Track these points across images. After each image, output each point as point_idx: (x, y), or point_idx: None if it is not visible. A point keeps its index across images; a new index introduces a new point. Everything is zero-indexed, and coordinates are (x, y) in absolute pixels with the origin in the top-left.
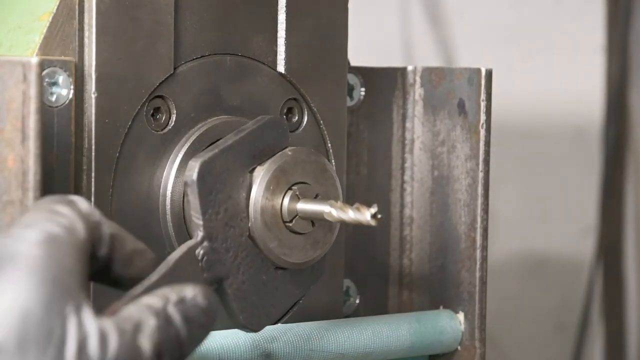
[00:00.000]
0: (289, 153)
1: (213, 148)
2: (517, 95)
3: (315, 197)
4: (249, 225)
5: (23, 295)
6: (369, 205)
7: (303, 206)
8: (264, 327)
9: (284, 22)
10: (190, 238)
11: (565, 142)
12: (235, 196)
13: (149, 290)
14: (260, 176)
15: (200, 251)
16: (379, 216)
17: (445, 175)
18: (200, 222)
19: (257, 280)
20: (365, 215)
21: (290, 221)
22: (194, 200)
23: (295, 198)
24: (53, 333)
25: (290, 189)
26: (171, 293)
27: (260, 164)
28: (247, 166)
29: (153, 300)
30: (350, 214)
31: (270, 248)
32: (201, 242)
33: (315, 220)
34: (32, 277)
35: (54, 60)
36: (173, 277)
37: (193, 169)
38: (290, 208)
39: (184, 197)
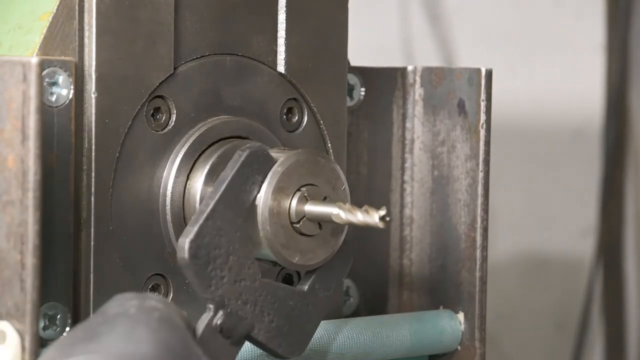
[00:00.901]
0: (279, 170)
1: (197, 217)
2: (517, 95)
3: (324, 199)
4: (265, 252)
5: (164, 335)
6: (369, 205)
7: (311, 208)
8: (306, 348)
9: (284, 22)
10: None
11: (565, 142)
12: (235, 250)
13: None
14: (261, 203)
15: (217, 322)
16: (388, 219)
17: (445, 175)
18: (209, 296)
19: (285, 311)
20: (374, 217)
21: (298, 222)
22: (193, 279)
23: (304, 200)
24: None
25: (299, 190)
26: None
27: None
28: (238, 215)
29: None
30: (359, 217)
31: (294, 263)
32: (215, 313)
33: (322, 222)
34: (166, 324)
35: (54, 60)
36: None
37: (183, 250)
38: (298, 211)
39: (183, 198)
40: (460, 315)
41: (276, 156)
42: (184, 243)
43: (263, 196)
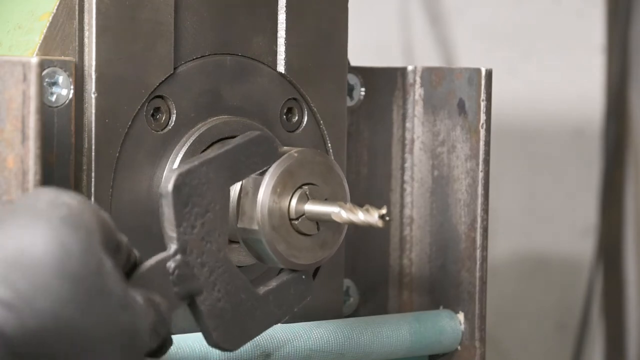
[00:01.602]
0: (295, 155)
1: (194, 160)
2: (517, 95)
3: (325, 200)
4: (256, 229)
5: (62, 233)
6: (367, 205)
7: (311, 207)
8: (240, 347)
9: (284, 22)
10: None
11: (565, 142)
12: (214, 211)
13: None
14: (267, 178)
15: (171, 264)
16: (387, 218)
17: (445, 175)
18: (174, 235)
19: (234, 299)
20: (374, 216)
21: (297, 219)
22: (168, 212)
23: (305, 197)
24: (91, 267)
25: (300, 187)
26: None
27: (264, 170)
28: (229, 181)
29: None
30: (360, 216)
31: (278, 251)
32: (173, 255)
33: (321, 221)
34: (70, 223)
35: (54, 60)
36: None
37: (169, 180)
38: (298, 208)
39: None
40: (460, 315)
41: (284, 150)
42: (173, 173)
43: (271, 172)
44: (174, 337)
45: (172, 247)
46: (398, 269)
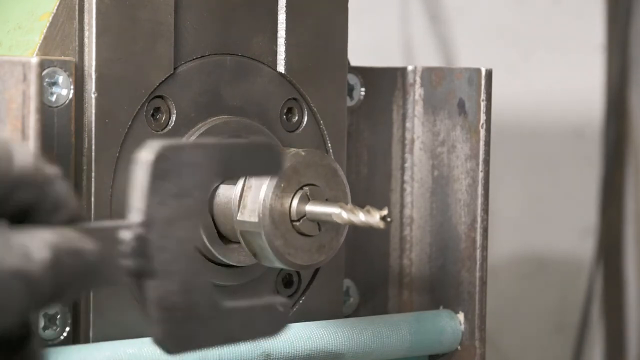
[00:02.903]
0: (303, 154)
1: (188, 139)
2: (517, 95)
3: (325, 201)
4: (256, 221)
5: None
6: (368, 205)
7: (312, 208)
8: (182, 353)
9: (284, 22)
10: None
11: (565, 142)
12: (194, 195)
13: None
14: None
15: (128, 234)
16: (389, 219)
17: (445, 175)
18: (140, 206)
19: (190, 300)
20: (375, 217)
21: (298, 220)
22: (141, 179)
23: (305, 198)
24: None
25: (301, 188)
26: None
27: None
28: (217, 175)
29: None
30: (361, 217)
31: (275, 246)
32: (134, 225)
33: (322, 222)
34: None
35: (54, 60)
36: None
37: (150, 148)
38: (299, 208)
39: None
40: (460, 315)
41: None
42: (158, 144)
43: (267, 185)
44: None
45: (135, 217)
46: (398, 269)
